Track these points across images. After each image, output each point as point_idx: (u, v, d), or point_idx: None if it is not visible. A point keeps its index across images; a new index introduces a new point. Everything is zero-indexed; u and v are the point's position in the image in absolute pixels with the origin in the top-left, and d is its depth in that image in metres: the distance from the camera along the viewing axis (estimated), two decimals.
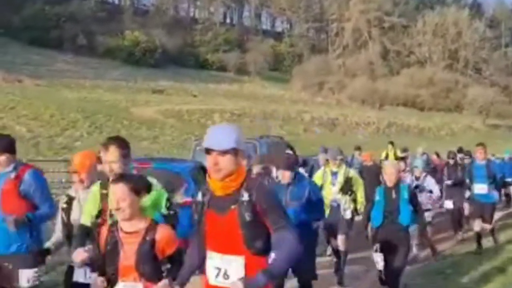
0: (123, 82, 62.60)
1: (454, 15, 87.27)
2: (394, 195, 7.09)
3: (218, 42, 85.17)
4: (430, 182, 10.37)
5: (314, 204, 6.92)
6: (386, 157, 17.88)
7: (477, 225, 10.63)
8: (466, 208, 11.44)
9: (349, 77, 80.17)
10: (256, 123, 48.70)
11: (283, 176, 6.93)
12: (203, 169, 10.21)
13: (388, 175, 7.22)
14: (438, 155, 17.31)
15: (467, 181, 11.24)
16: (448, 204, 12.36)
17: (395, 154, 17.71)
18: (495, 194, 11.07)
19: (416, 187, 9.83)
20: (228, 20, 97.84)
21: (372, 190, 10.82)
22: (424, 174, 10.50)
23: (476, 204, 10.78)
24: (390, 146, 18.61)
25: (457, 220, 12.42)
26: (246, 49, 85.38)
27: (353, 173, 9.11)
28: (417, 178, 10.42)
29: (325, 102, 71.03)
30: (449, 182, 12.44)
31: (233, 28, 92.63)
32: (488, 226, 10.84)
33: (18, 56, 63.95)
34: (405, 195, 7.10)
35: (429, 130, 57.46)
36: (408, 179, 10.41)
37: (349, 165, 14.78)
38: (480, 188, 10.68)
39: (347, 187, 8.82)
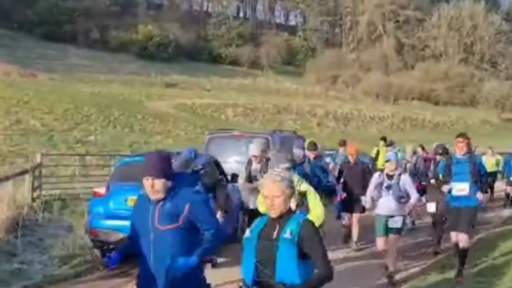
0: (136, 76, 62.73)
1: (470, 8, 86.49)
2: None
3: (231, 36, 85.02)
4: (405, 182, 8.54)
5: None
6: (377, 154, 16.57)
7: (455, 236, 8.59)
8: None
9: (363, 71, 79.80)
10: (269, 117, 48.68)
11: None
12: (216, 163, 10.16)
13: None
14: (423, 148, 14.78)
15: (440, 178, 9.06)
16: (431, 207, 10.58)
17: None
18: (478, 196, 8.39)
19: (388, 188, 8.50)
20: (241, 14, 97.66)
21: (356, 187, 10.75)
22: (398, 172, 8.61)
23: (452, 210, 8.60)
24: (382, 143, 16.82)
25: (440, 227, 10.65)
26: (260, 43, 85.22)
27: (305, 186, 6.70)
28: (389, 177, 8.59)
29: (339, 96, 70.76)
30: (433, 181, 10.24)
31: (246, 22, 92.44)
32: (463, 239, 8.39)
33: (32, 51, 64.29)
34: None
35: (444, 125, 57.07)
36: (375, 178, 8.88)
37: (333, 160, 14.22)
38: (460, 188, 8.37)
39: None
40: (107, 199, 9.18)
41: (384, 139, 17.25)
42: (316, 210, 6.50)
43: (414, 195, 8.57)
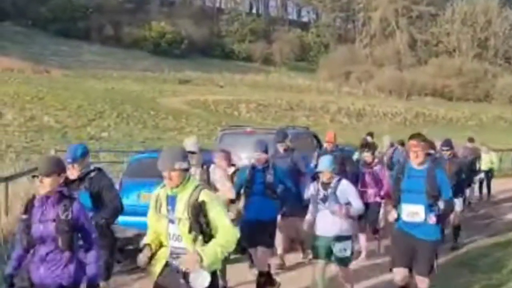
0: (149, 73, 62.93)
1: (484, 4, 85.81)
2: None
3: (244, 32, 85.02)
4: (346, 189, 6.86)
5: None
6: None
7: (400, 275, 6.38)
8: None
9: (376, 67, 79.47)
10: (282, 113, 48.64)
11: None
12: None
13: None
14: (403, 144, 13.30)
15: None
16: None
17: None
18: (430, 220, 6.13)
19: (324, 200, 6.88)
20: (254, 10, 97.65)
21: None
22: (336, 178, 6.88)
23: (399, 240, 6.38)
24: (368, 138, 14.70)
25: None
26: (272, 39, 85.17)
27: (204, 195, 4.44)
28: (325, 186, 6.88)
29: (352, 92, 70.53)
30: None
31: (259, 18, 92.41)
32: (423, 284, 6.35)
33: (46, 48, 64.71)
34: None
35: (458, 121, 56.69)
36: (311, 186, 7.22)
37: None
38: (412, 211, 6.20)
39: (195, 225, 4.43)
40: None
41: (371, 134, 15.32)
42: (224, 232, 4.43)
43: (357, 205, 6.82)
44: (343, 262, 6.85)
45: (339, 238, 6.75)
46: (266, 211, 7.54)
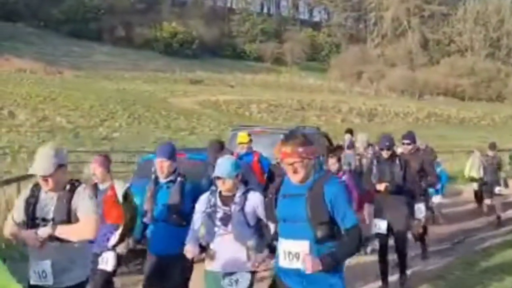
0: (161, 73, 63.15)
1: (496, 3, 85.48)
2: None
3: (255, 32, 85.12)
4: (257, 203, 4.86)
5: None
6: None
7: None
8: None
9: (388, 67, 79.33)
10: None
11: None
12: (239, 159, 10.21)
13: None
14: (371, 145, 11.60)
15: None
16: (380, 226, 7.55)
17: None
18: (308, 267, 3.77)
19: (224, 220, 4.84)
20: (265, 10, 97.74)
21: None
22: (242, 190, 4.89)
23: None
24: (347, 136, 12.50)
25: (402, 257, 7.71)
26: (284, 39, 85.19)
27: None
28: (225, 201, 4.88)
29: (364, 92, 70.40)
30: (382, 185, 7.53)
31: (270, 18, 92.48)
32: None
33: (58, 48, 65.08)
34: None
35: (470, 121, 56.43)
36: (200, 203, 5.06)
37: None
38: (290, 250, 4.02)
39: None
40: None
41: (350, 132, 12.90)
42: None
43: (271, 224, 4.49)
44: None
45: (233, 273, 4.86)
46: (174, 243, 5.38)
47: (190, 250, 4.87)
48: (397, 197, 7.55)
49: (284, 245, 4.08)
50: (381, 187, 7.56)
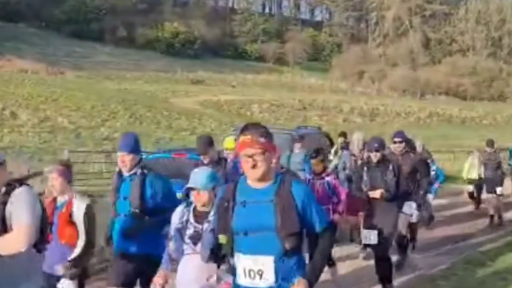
0: (162, 73, 63.17)
1: (498, 2, 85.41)
2: None
3: (257, 32, 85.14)
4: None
5: None
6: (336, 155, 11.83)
7: None
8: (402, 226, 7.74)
9: (390, 67, 79.28)
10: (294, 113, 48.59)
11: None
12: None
13: None
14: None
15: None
16: (370, 237, 7.18)
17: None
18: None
19: (195, 238, 4.47)
20: (267, 10, 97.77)
21: None
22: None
23: None
24: (340, 140, 12.28)
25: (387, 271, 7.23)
26: (285, 39, 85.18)
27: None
28: (199, 216, 4.49)
29: (365, 92, 70.38)
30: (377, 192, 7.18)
31: (272, 18, 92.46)
32: None
33: (60, 49, 65.10)
34: None
35: (472, 120, 56.38)
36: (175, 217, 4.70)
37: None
38: (251, 268, 3.50)
39: None
40: None
41: (344, 135, 12.53)
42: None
43: None
44: None
45: None
46: (133, 241, 5.26)
47: (160, 276, 4.47)
48: (388, 205, 7.11)
49: (243, 262, 3.50)
50: (375, 194, 7.09)
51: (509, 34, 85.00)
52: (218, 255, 3.75)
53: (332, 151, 11.96)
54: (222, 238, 3.56)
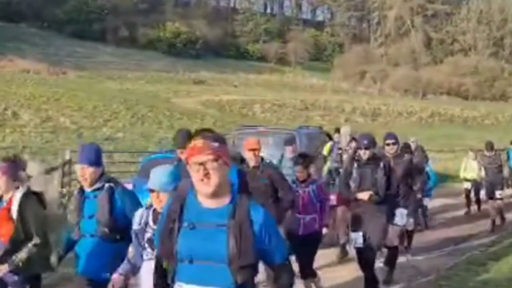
0: (164, 73, 63.13)
1: (500, 2, 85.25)
2: None
3: (258, 32, 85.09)
4: None
5: None
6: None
7: None
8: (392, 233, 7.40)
9: (391, 66, 79.22)
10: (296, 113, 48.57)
11: None
12: (242, 160, 10.16)
13: None
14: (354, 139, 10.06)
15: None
16: (356, 240, 6.92)
17: None
18: None
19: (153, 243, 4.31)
20: (268, 10, 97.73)
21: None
22: None
23: None
24: (336, 135, 12.26)
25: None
26: (287, 39, 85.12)
27: None
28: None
29: (367, 91, 70.31)
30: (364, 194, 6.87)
31: (273, 18, 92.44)
32: None
33: (61, 49, 65.10)
34: None
35: (474, 120, 56.28)
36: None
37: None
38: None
39: None
40: None
41: (339, 131, 12.46)
42: None
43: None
44: None
45: None
46: (106, 262, 4.70)
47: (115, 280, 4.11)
48: (376, 207, 6.75)
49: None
50: (364, 196, 6.72)
51: (511, 33, 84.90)
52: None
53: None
54: (165, 263, 3.08)
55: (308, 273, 6.91)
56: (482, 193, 13.87)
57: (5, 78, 45.53)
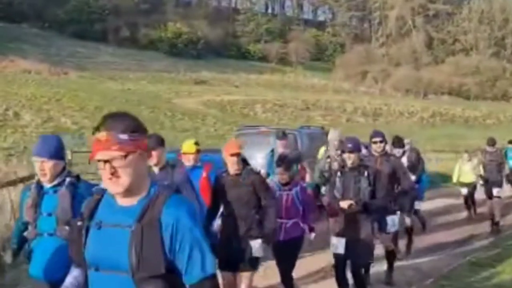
0: (165, 74, 63.14)
1: (501, 1, 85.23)
2: None
3: (260, 32, 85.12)
4: None
5: None
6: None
7: None
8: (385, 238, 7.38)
9: (393, 66, 79.22)
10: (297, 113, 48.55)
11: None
12: (243, 160, 10.16)
13: None
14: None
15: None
16: (338, 246, 6.48)
17: None
18: None
19: None
20: (269, 10, 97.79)
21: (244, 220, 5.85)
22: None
23: None
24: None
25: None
26: (288, 39, 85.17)
27: None
28: None
29: (368, 91, 70.29)
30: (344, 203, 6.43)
31: (275, 18, 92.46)
32: None
33: (63, 49, 65.12)
34: None
35: (475, 120, 56.26)
36: None
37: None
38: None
39: None
40: None
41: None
42: None
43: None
44: None
45: None
46: (57, 265, 4.18)
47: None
48: (361, 216, 6.32)
49: None
50: (344, 204, 6.28)
51: None
52: None
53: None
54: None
55: (287, 283, 6.63)
56: (478, 194, 13.72)
57: (6, 79, 45.57)
